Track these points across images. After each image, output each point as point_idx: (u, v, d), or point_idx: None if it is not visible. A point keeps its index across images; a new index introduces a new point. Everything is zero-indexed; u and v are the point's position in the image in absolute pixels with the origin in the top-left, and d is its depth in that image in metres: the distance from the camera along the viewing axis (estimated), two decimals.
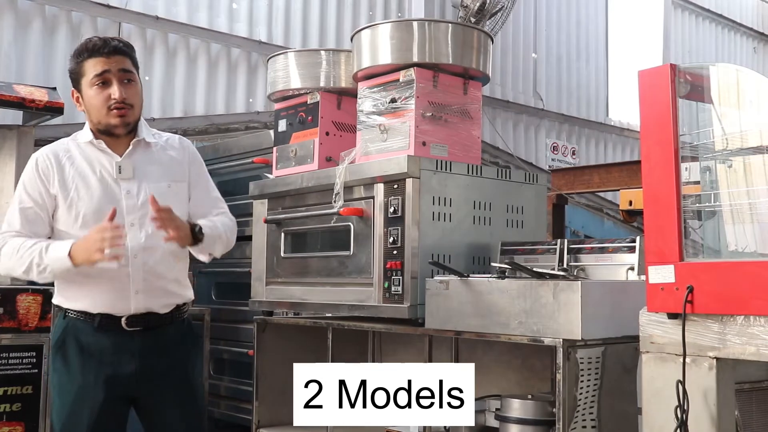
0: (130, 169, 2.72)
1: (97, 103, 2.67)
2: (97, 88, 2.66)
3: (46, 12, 5.92)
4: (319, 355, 3.74)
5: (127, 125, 2.72)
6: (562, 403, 2.62)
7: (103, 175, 2.71)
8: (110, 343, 2.68)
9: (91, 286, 2.66)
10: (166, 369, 2.75)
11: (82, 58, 2.68)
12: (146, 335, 2.72)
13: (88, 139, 2.74)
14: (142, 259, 2.68)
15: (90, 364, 2.67)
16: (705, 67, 2.54)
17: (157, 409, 2.77)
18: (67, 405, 2.67)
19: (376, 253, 3.40)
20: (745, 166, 2.48)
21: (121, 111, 2.67)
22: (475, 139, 3.67)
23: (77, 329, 2.69)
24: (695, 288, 2.22)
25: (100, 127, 2.72)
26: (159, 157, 2.81)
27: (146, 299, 2.70)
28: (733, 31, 12.64)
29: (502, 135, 9.15)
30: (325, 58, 4.00)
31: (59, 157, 2.72)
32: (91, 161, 2.73)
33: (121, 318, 2.68)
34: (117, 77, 2.66)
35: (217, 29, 6.89)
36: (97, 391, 2.65)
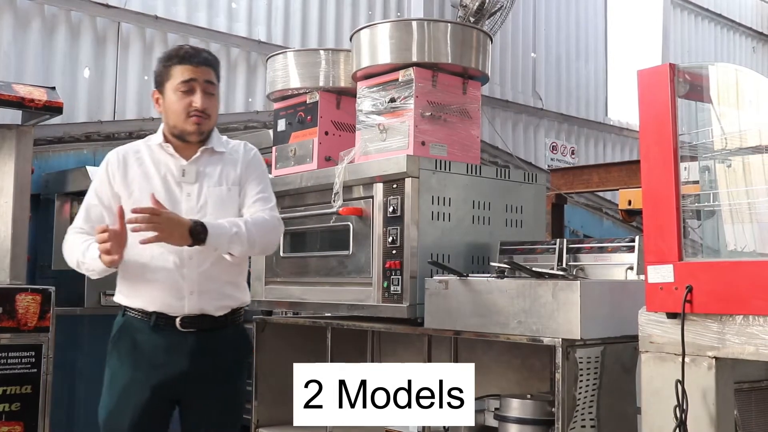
0: (193, 173, 2.79)
1: (177, 108, 2.75)
2: (180, 93, 2.74)
3: (46, 11, 5.92)
4: (319, 354, 3.74)
5: (202, 134, 2.80)
6: (562, 403, 2.62)
7: (167, 178, 2.78)
8: (164, 342, 2.72)
9: (147, 285, 2.72)
10: (215, 372, 2.78)
11: (171, 62, 2.77)
12: (200, 337, 2.74)
13: (158, 142, 2.83)
14: (197, 261, 2.71)
15: (142, 362, 2.72)
16: (704, 67, 2.54)
17: (195, 411, 2.80)
18: (114, 399, 2.72)
19: (375, 253, 3.40)
20: (744, 165, 2.48)
21: (199, 120, 2.75)
22: (475, 138, 3.67)
23: (134, 327, 2.75)
24: (694, 288, 2.22)
25: (174, 131, 2.80)
26: (222, 162, 2.86)
27: (200, 301, 2.73)
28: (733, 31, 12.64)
29: (501, 135, 9.15)
30: (324, 57, 4.00)
31: (128, 158, 2.82)
32: (157, 163, 2.81)
33: (175, 318, 2.71)
34: (201, 87, 2.75)
35: (216, 29, 6.89)
36: (145, 389, 2.70)
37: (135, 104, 6.32)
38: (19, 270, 4.60)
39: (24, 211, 4.66)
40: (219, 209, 2.78)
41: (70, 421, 5.39)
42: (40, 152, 5.48)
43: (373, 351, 4.38)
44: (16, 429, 4.28)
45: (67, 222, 5.34)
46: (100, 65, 6.16)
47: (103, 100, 6.17)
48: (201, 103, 2.73)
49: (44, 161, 5.60)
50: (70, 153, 5.80)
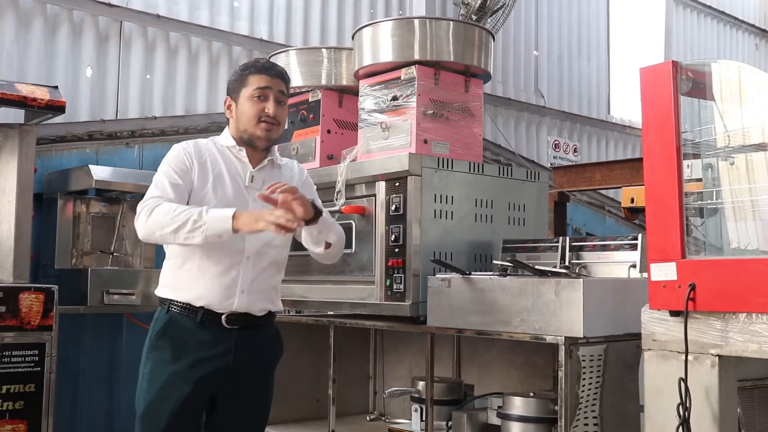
0: (260, 180, 2.91)
1: (250, 113, 2.87)
2: (255, 100, 2.87)
3: (48, 11, 5.91)
4: (321, 353, 3.75)
5: (270, 140, 2.93)
6: (564, 401, 2.62)
7: (236, 180, 2.90)
8: (209, 338, 2.80)
9: (202, 281, 2.80)
10: (253, 368, 2.89)
11: (248, 71, 2.91)
12: (242, 333, 2.84)
13: (229, 145, 2.93)
14: (253, 262, 2.85)
15: (185, 356, 2.78)
16: (707, 64, 2.53)
17: (228, 405, 2.88)
18: (156, 390, 2.78)
19: (377, 251, 3.40)
20: (747, 163, 2.47)
21: (269, 126, 2.88)
22: (477, 136, 3.66)
23: (178, 323, 2.81)
24: (697, 285, 2.22)
25: (244, 135, 2.91)
26: (282, 175, 2.99)
27: (248, 300, 2.84)
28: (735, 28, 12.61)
29: (503, 132, 9.13)
30: (326, 56, 4.00)
31: (202, 153, 2.90)
32: (227, 164, 2.91)
33: (221, 315, 2.80)
34: (275, 96, 2.89)
35: (218, 27, 6.88)
36: (188, 381, 2.76)
37: (137, 103, 6.32)
38: (23, 269, 4.61)
39: (27, 210, 4.66)
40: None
41: (73, 419, 5.40)
42: (42, 151, 5.48)
43: (375, 349, 4.39)
44: (19, 427, 4.29)
45: (70, 220, 5.36)
46: (102, 64, 6.16)
47: (106, 99, 6.16)
48: (273, 110, 2.87)
49: (47, 160, 5.60)
50: (72, 152, 5.80)
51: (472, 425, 3.19)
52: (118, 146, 5.99)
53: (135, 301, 5.10)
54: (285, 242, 2.96)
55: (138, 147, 6.09)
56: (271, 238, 2.85)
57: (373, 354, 4.40)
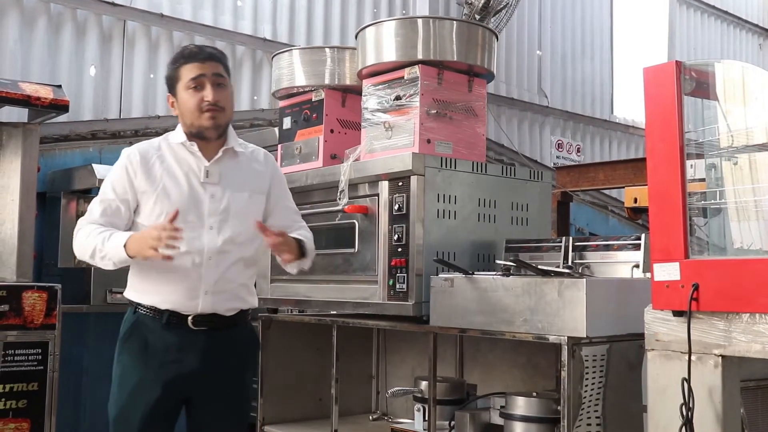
0: (216, 174, 2.82)
1: (191, 105, 2.77)
2: (192, 91, 2.77)
3: (52, 10, 5.93)
4: (324, 352, 3.75)
5: (218, 127, 2.81)
6: (567, 401, 2.62)
7: (190, 177, 2.81)
8: (176, 340, 2.75)
9: (163, 282, 2.74)
10: (225, 370, 2.82)
11: (178, 63, 2.81)
12: (210, 335, 2.78)
13: (181, 141, 2.84)
14: (215, 261, 2.76)
15: (153, 360, 2.74)
16: (710, 64, 2.53)
17: (207, 408, 2.83)
18: (125, 396, 2.74)
19: (380, 251, 3.40)
20: (751, 163, 2.47)
21: (213, 113, 2.77)
22: (480, 136, 3.66)
23: (145, 325, 2.76)
24: (700, 285, 2.21)
25: (192, 129, 2.82)
26: (244, 167, 2.91)
27: (213, 301, 2.76)
28: (739, 28, 12.60)
29: (506, 132, 9.13)
30: (329, 55, 4.00)
31: (149, 155, 2.83)
32: (180, 162, 2.83)
33: (188, 317, 2.74)
34: (211, 81, 2.77)
35: (221, 27, 6.89)
36: (155, 386, 2.72)
37: (141, 102, 6.33)
38: (26, 268, 4.62)
39: (30, 209, 4.67)
40: (240, 215, 2.83)
41: (77, 418, 5.40)
42: (46, 150, 5.49)
43: (378, 349, 4.39)
44: (23, 426, 4.30)
45: (74, 220, 5.35)
46: (105, 63, 6.16)
47: (109, 98, 6.17)
48: (212, 96, 2.76)
49: (50, 159, 5.61)
50: (76, 151, 5.81)
51: (474, 425, 3.19)
52: (121, 145, 5.98)
53: None
54: (251, 237, 2.84)
55: None
56: (234, 235, 2.78)
57: (375, 353, 4.40)
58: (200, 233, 2.75)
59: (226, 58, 2.90)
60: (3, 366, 4.24)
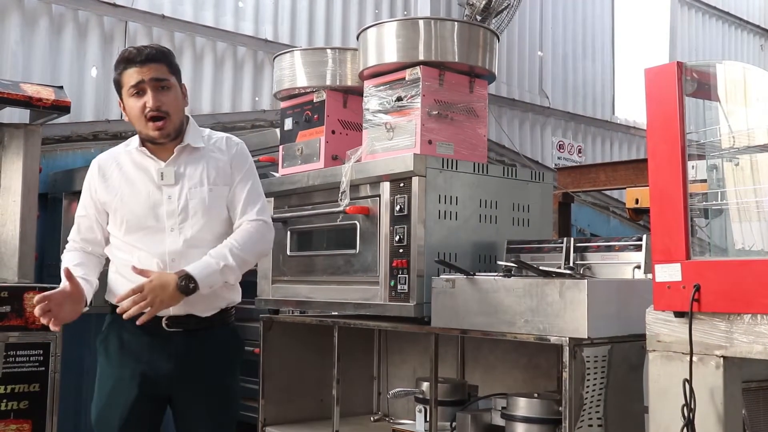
0: (171, 175, 2.76)
1: (135, 113, 2.74)
2: (134, 98, 2.71)
3: (53, 11, 5.93)
4: (325, 353, 3.75)
5: (167, 135, 2.76)
6: (569, 402, 2.61)
7: (146, 182, 2.77)
8: (149, 342, 2.73)
9: (134, 283, 2.69)
10: (202, 372, 2.77)
11: (120, 68, 2.74)
12: (187, 337, 2.75)
13: (135, 146, 2.81)
14: (179, 263, 2.70)
15: (128, 360, 2.73)
16: (712, 65, 2.53)
17: (186, 411, 2.80)
18: (104, 397, 2.76)
19: (382, 252, 3.40)
20: (752, 164, 2.47)
21: (158, 122, 2.71)
22: (481, 137, 3.66)
23: (120, 325, 2.76)
24: (702, 286, 2.21)
25: (142, 136, 2.79)
26: (202, 160, 2.82)
27: (185, 302, 2.68)
28: (740, 29, 12.60)
29: (507, 133, 9.13)
30: (331, 56, 4.00)
31: (108, 165, 2.82)
32: (138, 167, 2.80)
33: (161, 318, 2.71)
34: (151, 86, 2.69)
35: (223, 28, 6.90)
36: (131, 386, 2.71)
37: None
38: (27, 269, 4.62)
39: (32, 210, 4.67)
40: (202, 210, 2.77)
41: (78, 419, 5.40)
42: (47, 151, 5.50)
43: (379, 350, 4.39)
44: (24, 427, 4.30)
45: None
46: (107, 64, 6.16)
47: (111, 99, 6.17)
48: (153, 102, 2.68)
49: (52, 160, 5.61)
50: (77, 152, 5.82)
51: (476, 426, 3.19)
52: None
53: None
54: (217, 234, 2.78)
55: None
56: (196, 234, 2.72)
57: (377, 354, 4.40)
58: (162, 237, 2.72)
59: (170, 56, 2.80)
60: (4, 367, 4.25)
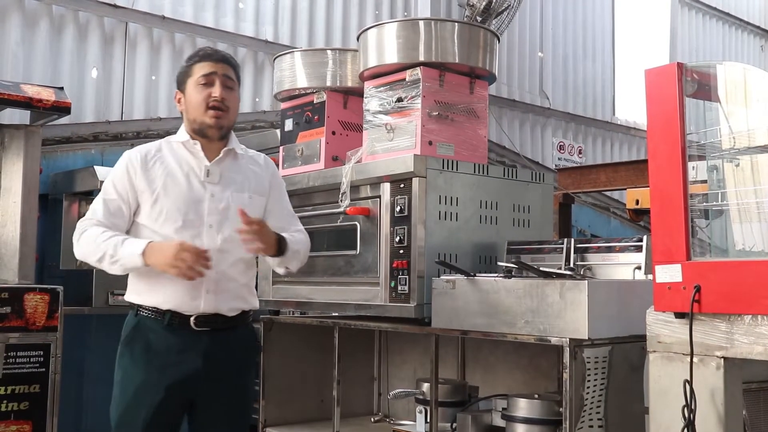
0: (217, 174, 2.85)
1: (197, 100, 2.82)
2: (200, 87, 2.82)
3: (53, 12, 5.94)
4: (326, 354, 3.75)
5: (221, 128, 2.86)
6: (569, 403, 2.61)
7: (190, 176, 2.83)
8: (178, 342, 2.75)
9: (164, 282, 2.73)
10: (227, 371, 2.82)
11: (192, 61, 2.88)
12: (213, 336, 2.79)
13: (183, 140, 2.88)
14: (216, 260, 2.74)
15: (155, 362, 2.73)
16: (712, 66, 2.53)
17: (209, 409, 2.83)
18: (127, 399, 2.74)
19: (382, 253, 3.40)
20: (753, 164, 2.47)
21: (218, 112, 2.82)
22: (482, 138, 3.66)
23: (147, 327, 2.76)
24: (702, 287, 2.21)
25: (195, 126, 2.85)
26: (244, 169, 2.94)
27: (216, 300, 2.77)
28: (740, 30, 12.60)
29: (508, 134, 9.13)
30: (331, 57, 4.00)
31: (149, 155, 2.85)
32: (180, 161, 2.85)
33: (190, 317, 2.75)
34: (221, 80, 2.83)
35: (223, 29, 6.90)
36: (158, 388, 2.71)
37: (142, 104, 6.34)
38: (28, 270, 4.62)
39: (32, 211, 4.68)
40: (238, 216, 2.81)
41: (78, 420, 5.40)
42: (48, 152, 5.50)
43: (380, 350, 4.39)
44: (24, 428, 4.30)
45: (75, 222, 5.32)
46: (107, 65, 6.18)
47: (111, 100, 6.18)
48: (219, 93, 2.81)
49: (52, 161, 5.61)
50: (78, 153, 5.82)
51: (476, 427, 3.19)
52: (123, 147, 5.98)
53: None
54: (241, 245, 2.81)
55: None
56: (233, 234, 2.77)
57: (377, 355, 4.40)
58: (200, 231, 2.77)
59: (239, 67, 2.98)
60: (5, 368, 4.25)
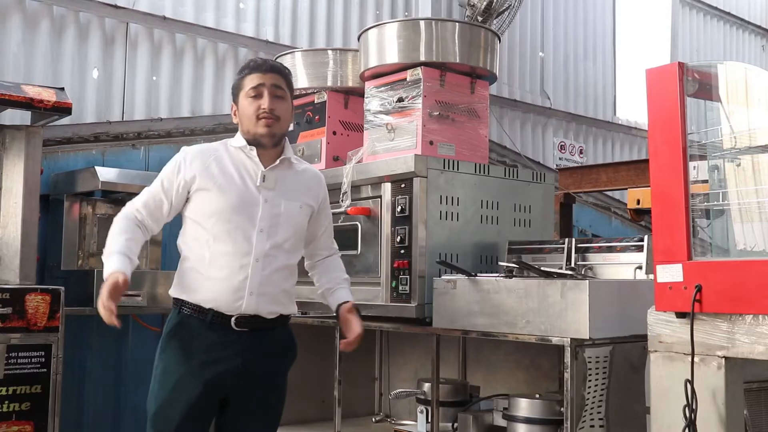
0: (272, 180, 2.89)
1: (248, 112, 2.87)
2: (251, 99, 2.88)
3: (54, 13, 5.93)
4: (327, 354, 3.75)
5: (273, 136, 2.89)
6: (570, 403, 2.61)
7: (246, 180, 2.88)
8: (219, 339, 2.80)
9: (209, 282, 2.80)
10: (264, 370, 2.88)
11: (243, 73, 2.93)
12: (251, 337, 2.84)
13: (240, 145, 2.93)
14: (262, 264, 2.82)
15: (195, 357, 2.79)
16: (713, 66, 2.53)
17: (240, 407, 2.88)
18: (166, 392, 2.80)
19: (383, 253, 3.40)
20: (754, 164, 2.47)
21: (269, 121, 2.86)
22: (483, 138, 3.66)
23: (189, 324, 2.82)
24: (703, 287, 2.21)
25: (249, 137, 2.91)
26: (297, 179, 2.99)
27: (257, 302, 2.82)
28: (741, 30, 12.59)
29: (509, 134, 9.13)
30: (332, 57, 4.00)
31: (207, 155, 2.91)
32: (237, 165, 2.90)
33: (231, 317, 2.80)
34: (269, 90, 2.87)
35: (224, 29, 6.89)
36: (197, 382, 2.77)
37: (143, 105, 6.33)
38: (29, 270, 4.62)
39: (33, 211, 4.67)
40: (289, 223, 2.91)
41: (80, 421, 5.41)
42: (49, 153, 5.49)
43: (381, 350, 4.39)
44: (26, 428, 4.30)
45: (76, 222, 5.36)
46: (108, 66, 6.17)
47: (112, 100, 6.18)
48: (268, 104, 2.85)
49: (53, 162, 5.61)
50: (78, 153, 5.81)
51: (477, 427, 3.19)
52: (124, 148, 6.01)
53: (141, 303, 5.11)
54: (297, 247, 2.97)
55: (144, 148, 6.10)
56: (281, 242, 2.86)
57: (378, 355, 4.40)
58: (250, 235, 2.81)
59: (289, 74, 3.02)
60: (6, 369, 4.25)
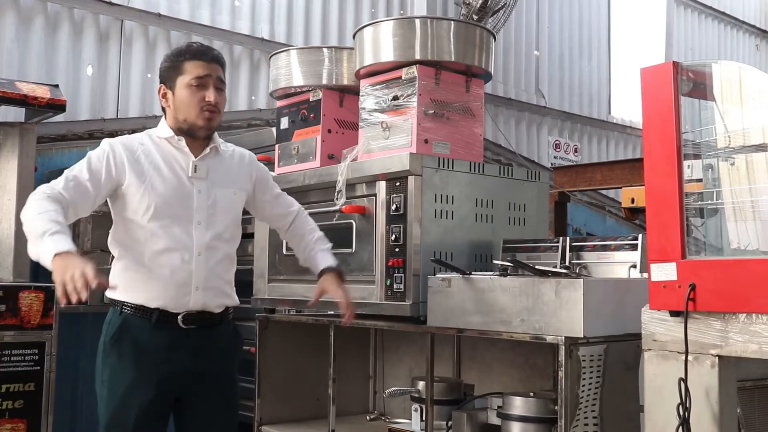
0: (204, 170, 2.84)
1: (189, 102, 2.80)
2: (194, 89, 2.79)
3: (49, 9, 5.92)
4: (321, 352, 3.75)
5: (211, 129, 2.86)
6: (564, 401, 2.62)
7: (177, 172, 2.81)
8: (166, 340, 2.73)
9: (153, 281, 2.72)
10: (215, 368, 2.83)
11: (183, 57, 2.83)
12: (200, 334, 2.79)
13: (167, 136, 2.85)
14: (205, 257, 2.77)
15: (145, 360, 2.72)
16: (707, 65, 2.53)
17: (196, 406, 2.83)
18: (116, 399, 2.72)
19: (378, 251, 3.40)
20: (748, 163, 2.47)
21: (212, 114, 2.82)
22: (478, 136, 3.66)
23: (134, 325, 2.74)
24: (697, 286, 2.21)
25: (183, 125, 2.83)
26: (228, 165, 2.95)
27: (204, 297, 2.78)
28: (736, 29, 12.63)
29: (504, 133, 9.14)
30: (327, 55, 4.00)
31: (134, 149, 2.81)
32: (166, 156, 2.82)
33: (177, 315, 2.74)
34: (214, 83, 2.82)
35: (219, 26, 6.89)
36: (149, 387, 2.70)
37: (138, 102, 6.33)
38: (23, 268, 4.61)
39: None
40: (225, 211, 2.87)
41: (73, 419, 5.39)
42: (43, 150, 5.49)
43: (375, 349, 4.39)
44: (19, 426, 4.29)
45: None
46: (103, 63, 6.16)
47: (106, 97, 6.17)
48: (214, 98, 2.80)
49: (47, 159, 5.60)
50: (72, 151, 5.81)
51: (472, 425, 3.19)
52: None
53: None
54: (235, 235, 2.93)
55: None
56: (221, 231, 2.82)
57: (373, 353, 4.39)
58: (188, 228, 2.76)
59: (225, 64, 2.96)
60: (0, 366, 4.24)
